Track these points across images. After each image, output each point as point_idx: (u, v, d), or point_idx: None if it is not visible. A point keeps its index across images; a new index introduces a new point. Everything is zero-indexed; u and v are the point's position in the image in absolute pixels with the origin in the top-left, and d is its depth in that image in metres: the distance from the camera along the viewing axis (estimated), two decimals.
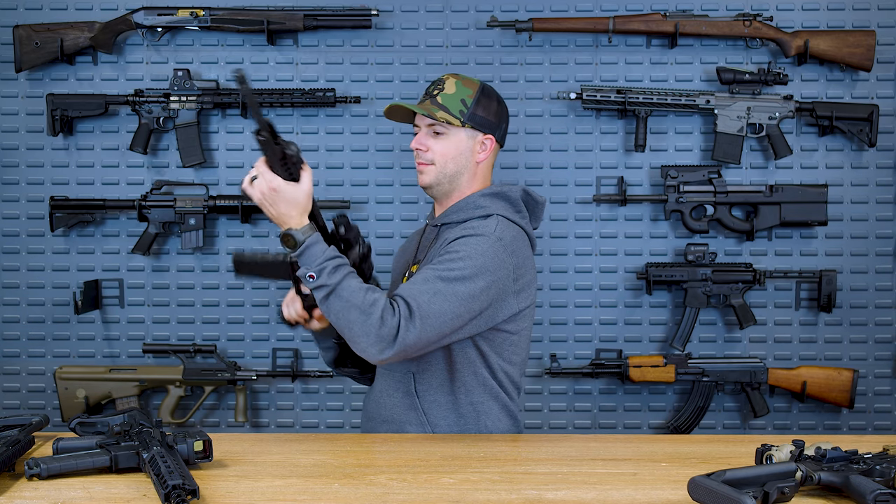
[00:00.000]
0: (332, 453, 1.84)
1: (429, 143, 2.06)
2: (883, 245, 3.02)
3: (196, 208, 2.93)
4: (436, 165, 2.07)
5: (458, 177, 2.09)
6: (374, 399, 2.14)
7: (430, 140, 2.07)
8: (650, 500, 1.55)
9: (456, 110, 2.05)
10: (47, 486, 1.59)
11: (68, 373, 2.93)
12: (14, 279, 3.05)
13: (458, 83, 2.08)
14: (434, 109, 2.04)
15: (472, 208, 2.07)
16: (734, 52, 2.98)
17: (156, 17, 2.92)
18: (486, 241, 1.96)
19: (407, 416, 2.07)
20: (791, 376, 2.93)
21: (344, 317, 1.84)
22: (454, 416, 2.05)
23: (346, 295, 1.83)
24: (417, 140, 2.08)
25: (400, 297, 1.86)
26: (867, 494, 1.43)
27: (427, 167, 2.08)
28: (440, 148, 2.06)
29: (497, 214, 2.05)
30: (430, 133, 2.07)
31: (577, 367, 2.98)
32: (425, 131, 2.08)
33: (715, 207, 2.94)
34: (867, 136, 2.91)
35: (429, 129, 2.07)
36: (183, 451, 1.66)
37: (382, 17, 2.97)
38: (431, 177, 2.08)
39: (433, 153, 2.07)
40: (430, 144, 2.06)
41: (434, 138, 2.07)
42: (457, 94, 2.07)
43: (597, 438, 2.07)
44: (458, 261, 1.91)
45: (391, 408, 2.08)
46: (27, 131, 3.03)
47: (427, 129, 2.08)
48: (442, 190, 2.10)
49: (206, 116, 3.00)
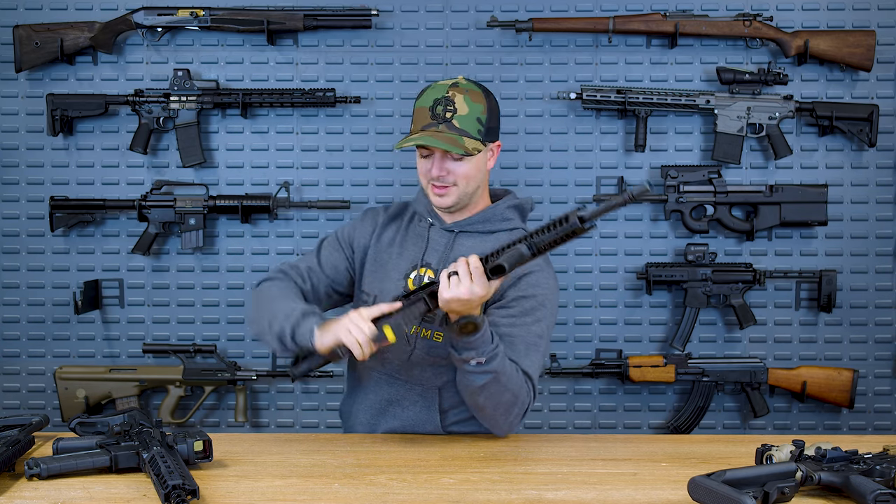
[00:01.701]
0: (332, 453, 1.84)
1: (449, 167, 2.01)
2: (883, 245, 3.02)
3: (196, 208, 2.92)
4: (458, 187, 2.03)
5: (477, 191, 2.09)
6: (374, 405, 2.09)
7: (450, 163, 2.01)
8: (650, 500, 1.55)
9: (475, 131, 2.01)
10: (47, 486, 1.59)
11: (68, 373, 2.93)
12: (14, 279, 3.05)
13: (468, 99, 2.01)
14: (459, 139, 1.98)
15: (498, 220, 2.10)
16: (734, 52, 2.98)
17: (156, 17, 2.92)
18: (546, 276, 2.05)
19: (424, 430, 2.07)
20: (791, 376, 2.93)
21: (495, 399, 1.90)
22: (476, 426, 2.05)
23: (504, 381, 1.89)
24: (440, 167, 2.00)
25: (526, 374, 1.93)
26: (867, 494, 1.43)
27: (449, 189, 2.03)
28: (463, 171, 2.02)
29: (521, 229, 2.11)
30: (449, 157, 2.00)
31: (577, 367, 2.98)
32: (440, 155, 2.01)
33: (715, 207, 2.94)
34: (867, 136, 2.91)
35: (445, 154, 2.01)
36: (183, 451, 1.66)
37: (382, 17, 2.97)
38: (454, 198, 2.04)
39: (455, 176, 2.02)
40: (451, 168, 2.01)
41: (453, 161, 2.01)
42: (471, 114, 2.01)
43: (597, 438, 2.08)
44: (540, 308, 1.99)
45: (405, 419, 2.06)
46: (27, 131, 3.03)
47: (444, 154, 2.01)
48: (461, 205, 2.09)
49: (206, 116, 3.00)
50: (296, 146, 3.01)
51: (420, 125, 2.01)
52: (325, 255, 2.15)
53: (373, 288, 2.09)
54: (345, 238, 2.17)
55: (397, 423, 2.05)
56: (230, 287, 3.04)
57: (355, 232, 2.17)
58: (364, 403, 2.11)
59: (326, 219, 3.00)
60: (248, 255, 3.03)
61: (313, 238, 2.99)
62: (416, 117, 2.04)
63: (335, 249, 2.16)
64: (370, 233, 2.16)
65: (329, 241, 2.19)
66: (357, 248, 2.15)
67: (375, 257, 2.13)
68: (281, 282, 2.08)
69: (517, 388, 1.90)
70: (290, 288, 2.07)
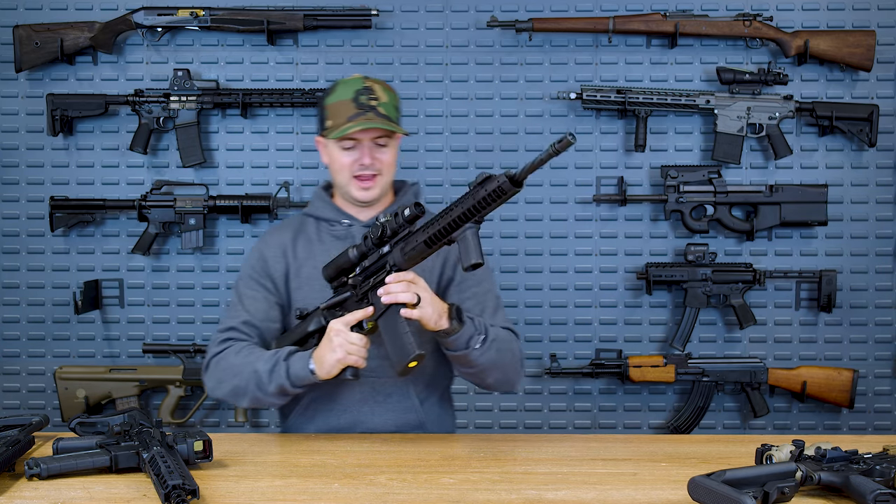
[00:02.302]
0: (332, 453, 1.84)
1: (376, 156, 2.04)
2: (883, 245, 3.02)
3: (196, 208, 2.92)
4: (382, 176, 2.06)
5: (390, 184, 2.13)
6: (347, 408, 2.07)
7: (375, 152, 2.04)
8: (650, 500, 1.55)
9: (396, 119, 2.07)
10: (47, 486, 1.59)
11: (68, 373, 2.93)
12: (14, 279, 3.05)
13: (384, 89, 2.06)
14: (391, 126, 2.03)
15: None
16: (734, 52, 2.98)
17: (156, 17, 2.92)
18: None
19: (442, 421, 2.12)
20: (791, 376, 2.93)
21: (504, 364, 1.97)
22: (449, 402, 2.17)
23: (504, 345, 1.97)
24: (369, 155, 2.03)
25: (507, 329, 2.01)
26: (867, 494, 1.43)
27: (375, 180, 2.05)
28: (387, 159, 2.06)
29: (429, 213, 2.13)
30: (374, 145, 2.04)
31: (577, 367, 2.98)
32: (369, 144, 2.04)
33: (715, 207, 2.94)
34: (867, 136, 2.91)
35: (372, 142, 2.04)
36: (183, 451, 1.66)
37: (382, 17, 2.97)
38: (378, 189, 2.07)
39: (381, 164, 2.05)
40: (378, 156, 2.05)
41: (378, 150, 2.05)
42: (390, 102, 2.06)
43: (597, 438, 2.08)
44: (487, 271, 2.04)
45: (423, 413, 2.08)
46: (27, 131, 3.03)
47: (370, 142, 2.04)
48: (381, 197, 2.11)
49: (206, 116, 3.00)
50: (296, 146, 3.01)
51: (346, 116, 2.01)
52: (251, 304, 2.07)
53: (308, 301, 2.05)
54: (259, 275, 2.09)
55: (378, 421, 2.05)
56: (230, 287, 3.03)
57: (267, 263, 2.10)
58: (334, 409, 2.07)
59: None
60: None
61: None
62: (337, 111, 2.03)
63: (256, 292, 2.08)
64: (282, 255, 2.10)
65: (244, 288, 2.10)
66: (276, 276, 2.09)
67: (297, 274, 2.09)
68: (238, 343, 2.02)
69: (513, 344, 2.00)
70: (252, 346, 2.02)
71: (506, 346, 1.97)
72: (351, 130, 1.99)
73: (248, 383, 1.94)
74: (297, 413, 2.09)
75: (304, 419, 2.08)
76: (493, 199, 1.71)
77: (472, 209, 1.74)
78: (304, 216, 2.17)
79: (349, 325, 1.87)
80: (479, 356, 1.91)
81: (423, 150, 3.02)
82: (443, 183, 3.01)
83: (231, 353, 1.99)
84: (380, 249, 1.87)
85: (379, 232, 1.84)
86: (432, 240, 1.79)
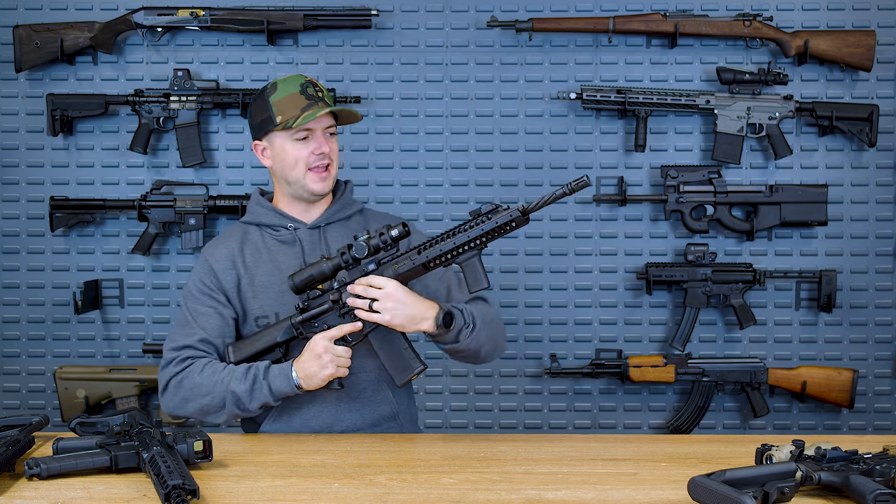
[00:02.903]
0: (332, 453, 1.84)
1: (329, 145, 2.07)
2: (883, 245, 3.02)
3: (196, 208, 2.92)
4: (334, 166, 2.09)
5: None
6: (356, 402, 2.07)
7: (329, 142, 2.07)
8: (650, 500, 1.55)
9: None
10: (47, 486, 1.59)
11: (68, 373, 2.93)
12: (14, 279, 3.05)
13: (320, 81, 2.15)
14: (350, 108, 2.10)
15: (351, 205, 2.17)
16: (734, 52, 2.98)
17: (156, 17, 2.92)
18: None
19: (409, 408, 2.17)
20: (791, 376, 2.93)
21: (493, 338, 2.02)
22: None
23: (487, 320, 1.99)
24: (325, 143, 2.04)
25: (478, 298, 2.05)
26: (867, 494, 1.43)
27: (329, 170, 2.07)
28: (336, 149, 2.10)
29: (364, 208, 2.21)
30: (327, 135, 2.06)
31: (577, 367, 2.98)
32: (323, 134, 2.05)
33: (715, 207, 2.94)
34: (867, 136, 2.91)
35: (325, 132, 2.06)
36: (183, 451, 1.66)
37: (382, 17, 2.97)
38: (331, 181, 2.09)
39: (333, 154, 2.08)
40: (330, 145, 2.07)
41: (330, 139, 2.07)
42: (330, 95, 2.13)
43: (597, 438, 2.08)
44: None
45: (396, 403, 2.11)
46: (27, 131, 3.03)
47: (324, 132, 2.05)
48: (330, 191, 2.12)
49: (206, 116, 3.00)
50: None
51: (298, 108, 2.02)
52: (205, 320, 2.03)
53: (267, 309, 2.04)
54: (211, 290, 2.05)
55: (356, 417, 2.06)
56: None
57: (217, 277, 2.06)
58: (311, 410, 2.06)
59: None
60: None
61: None
62: (287, 105, 2.03)
63: (209, 308, 2.04)
64: (231, 266, 2.07)
65: (195, 304, 2.05)
66: (229, 289, 2.05)
67: (251, 283, 2.06)
68: (198, 362, 1.99)
69: (493, 314, 2.05)
70: (213, 362, 2.00)
71: (489, 321, 2.01)
72: (318, 114, 2.00)
73: (223, 402, 1.95)
74: (272, 418, 2.07)
75: (281, 423, 2.06)
76: (503, 231, 1.82)
77: (480, 239, 1.84)
78: (245, 224, 2.15)
79: (333, 339, 1.92)
80: (469, 343, 1.95)
81: (423, 151, 3.02)
82: (443, 183, 3.01)
83: (194, 373, 1.97)
84: (362, 266, 1.91)
85: (365, 250, 1.88)
86: (432, 263, 1.87)
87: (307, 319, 1.95)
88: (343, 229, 2.13)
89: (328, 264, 1.91)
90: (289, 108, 2.02)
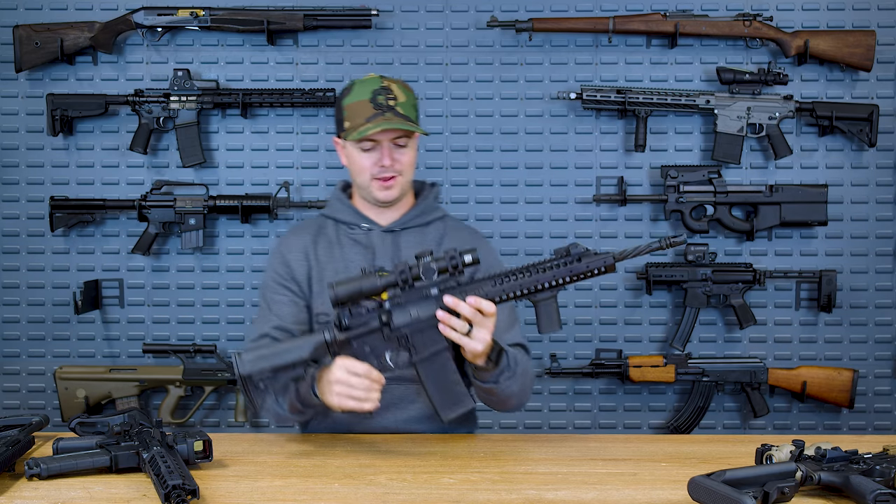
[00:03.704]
0: (332, 453, 1.84)
1: (396, 156, 2.03)
2: (883, 245, 3.02)
3: (196, 208, 2.92)
4: (403, 177, 2.05)
5: (410, 184, 2.12)
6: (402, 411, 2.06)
7: (396, 153, 2.03)
8: (650, 500, 1.55)
9: (415, 118, 2.06)
10: (47, 486, 1.59)
11: (68, 373, 2.93)
12: (14, 279, 3.05)
13: (401, 88, 2.04)
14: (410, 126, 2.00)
15: (431, 211, 2.13)
16: (734, 52, 2.98)
17: (156, 17, 2.92)
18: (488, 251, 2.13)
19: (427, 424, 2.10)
20: (791, 376, 2.93)
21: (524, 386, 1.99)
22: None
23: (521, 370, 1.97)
24: (388, 156, 2.01)
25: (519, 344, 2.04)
26: (867, 494, 1.43)
27: (395, 180, 2.03)
28: (407, 159, 2.04)
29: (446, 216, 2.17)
30: (393, 146, 2.02)
31: (577, 367, 2.98)
32: (388, 145, 2.02)
33: (715, 207, 2.94)
34: (867, 136, 2.91)
35: (391, 143, 2.02)
36: (183, 451, 1.66)
37: (382, 17, 2.97)
38: (398, 189, 2.05)
39: (401, 165, 2.03)
40: (397, 157, 2.03)
41: (397, 150, 2.03)
42: (408, 101, 2.04)
43: (597, 438, 2.08)
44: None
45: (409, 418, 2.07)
46: (27, 131, 3.03)
47: (390, 143, 2.02)
48: (402, 197, 2.10)
49: (206, 116, 3.00)
50: (296, 146, 3.01)
51: (364, 117, 1.99)
52: (279, 308, 2.05)
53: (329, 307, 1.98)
54: (284, 279, 2.07)
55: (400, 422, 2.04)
56: (230, 287, 3.04)
57: (290, 266, 2.07)
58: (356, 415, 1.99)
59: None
60: (248, 255, 3.03)
61: None
62: (355, 112, 2.01)
63: (283, 296, 2.06)
64: (304, 257, 2.08)
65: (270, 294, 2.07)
66: (300, 279, 2.07)
67: (320, 278, 2.06)
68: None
69: (528, 366, 2.03)
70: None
71: (523, 372, 1.97)
72: (370, 132, 1.97)
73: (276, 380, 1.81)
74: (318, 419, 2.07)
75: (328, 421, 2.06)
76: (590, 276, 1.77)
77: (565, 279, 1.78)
78: (323, 217, 2.16)
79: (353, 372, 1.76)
80: (504, 389, 1.92)
81: (423, 150, 3.02)
82: (443, 183, 3.01)
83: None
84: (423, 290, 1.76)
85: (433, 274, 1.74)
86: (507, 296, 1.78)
87: (347, 340, 1.78)
88: (419, 236, 2.09)
89: (381, 280, 1.74)
90: (356, 116, 2.01)
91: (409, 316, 1.76)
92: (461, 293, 1.75)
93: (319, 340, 1.78)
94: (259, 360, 1.77)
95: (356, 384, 1.76)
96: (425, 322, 1.76)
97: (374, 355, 1.79)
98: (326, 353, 1.78)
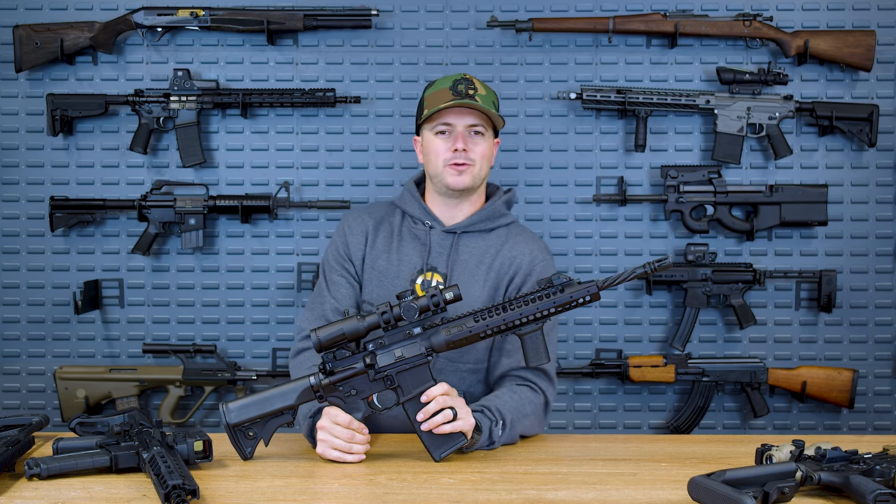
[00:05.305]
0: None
1: (469, 144, 2.05)
2: (883, 245, 3.02)
3: (196, 208, 2.92)
4: (475, 166, 2.06)
5: (484, 179, 2.13)
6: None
7: (470, 141, 2.05)
8: (650, 500, 1.55)
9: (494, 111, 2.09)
10: (47, 486, 1.59)
11: (68, 373, 2.93)
12: (14, 279, 3.05)
13: (483, 85, 2.10)
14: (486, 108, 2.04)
15: (497, 217, 2.14)
16: (734, 52, 2.98)
17: (156, 17, 2.92)
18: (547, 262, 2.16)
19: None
20: (791, 376, 2.93)
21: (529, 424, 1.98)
22: None
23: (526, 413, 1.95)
24: (462, 140, 2.04)
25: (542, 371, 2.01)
26: (867, 494, 1.43)
27: (468, 168, 2.05)
28: (481, 150, 2.07)
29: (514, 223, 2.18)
30: (470, 134, 2.05)
31: (577, 367, 2.98)
32: (464, 132, 2.05)
33: (715, 207, 2.94)
34: (867, 136, 2.91)
35: (468, 130, 2.05)
36: (183, 451, 1.66)
37: (382, 17, 2.97)
38: (470, 178, 2.06)
39: (474, 154, 2.06)
40: (471, 146, 2.05)
41: (472, 139, 2.06)
42: (489, 96, 2.08)
43: (597, 438, 2.08)
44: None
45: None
46: (27, 131, 3.03)
47: (466, 130, 2.05)
48: (470, 192, 2.11)
49: (206, 116, 3.00)
50: (296, 146, 3.01)
51: (442, 101, 2.03)
52: (336, 290, 2.09)
53: (378, 298, 2.06)
54: (342, 257, 2.13)
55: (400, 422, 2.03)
56: (230, 287, 3.04)
57: (349, 246, 2.13)
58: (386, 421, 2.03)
59: (326, 219, 3.00)
60: (248, 255, 3.03)
61: (313, 238, 2.99)
62: (434, 100, 2.06)
63: (340, 276, 2.11)
64: (363, 241, 2.13)
65: (330, 273, 2.12)
66: (356, 259, 2.12)
67: (373, 265, 2.10)
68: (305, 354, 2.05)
69: (534, 404, 1.98)
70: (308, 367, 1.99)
71: (526, 413, 1.95)
72: (444, 105, 2.00)
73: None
74: None
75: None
76: (574, 306, 1.79)
77: (548, 311, 1.79)
78: (393, 205, 2.19)
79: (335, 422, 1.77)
80: (504, 441, 1.91)
81: None
82: None
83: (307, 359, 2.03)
84: (405, 329, 1.78)
85: (414, 313, 1.75)
86: (490, 331, 1.78)
87: (333, 383, 1.78)
88: (479, 241, 2.11)
89: (362, 323, 1.76)
90: (434, 103, 2.05)
91: (392, 356, 1.78)
92: (444, 330, 1.78)
93: (305, 385, 1.79)
94: (246, 410, 1.79)
95: (339, 433, 1.77)
96: (410, 361, 1.78)
97: (360, 397, 1.79)
98: (313, 397, 1.79)
